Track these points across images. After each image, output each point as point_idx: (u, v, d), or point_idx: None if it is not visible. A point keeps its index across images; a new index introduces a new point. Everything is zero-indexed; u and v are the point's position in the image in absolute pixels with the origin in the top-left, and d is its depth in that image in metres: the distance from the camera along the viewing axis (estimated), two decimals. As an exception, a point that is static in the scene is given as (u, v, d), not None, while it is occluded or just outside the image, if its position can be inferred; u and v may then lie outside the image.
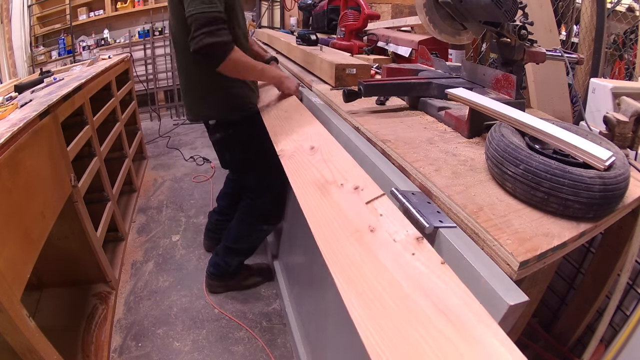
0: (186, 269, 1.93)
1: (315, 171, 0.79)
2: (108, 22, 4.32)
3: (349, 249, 0.55)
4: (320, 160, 0.83)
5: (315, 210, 0.67)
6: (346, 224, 0.61)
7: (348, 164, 0.78)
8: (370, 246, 0.55)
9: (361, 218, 0.61)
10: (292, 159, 0.90)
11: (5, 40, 3.72)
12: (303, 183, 0.77)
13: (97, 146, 1.84)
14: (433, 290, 0.45)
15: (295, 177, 0.81)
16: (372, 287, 0.48)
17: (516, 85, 0.91)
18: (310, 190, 0.73)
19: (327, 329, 1.12)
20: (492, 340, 0.38)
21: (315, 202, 0.69)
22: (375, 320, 0.43)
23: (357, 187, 0.69)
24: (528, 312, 0.88)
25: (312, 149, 0.89)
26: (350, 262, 0.53)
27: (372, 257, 0.53)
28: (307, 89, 1.46)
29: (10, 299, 0.89)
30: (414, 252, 0.52)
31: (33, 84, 1.73)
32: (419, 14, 1.13)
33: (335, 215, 0.63)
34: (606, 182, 0.56)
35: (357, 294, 0.48)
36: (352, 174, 0.74)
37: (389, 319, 0.43)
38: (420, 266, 0.49)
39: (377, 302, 0.46)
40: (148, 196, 2.66)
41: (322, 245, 0.58)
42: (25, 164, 1.10)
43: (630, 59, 1.92)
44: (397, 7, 2.38)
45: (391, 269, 0.50)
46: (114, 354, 1.46)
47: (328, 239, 0.59)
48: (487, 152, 0.69)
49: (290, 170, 0.85)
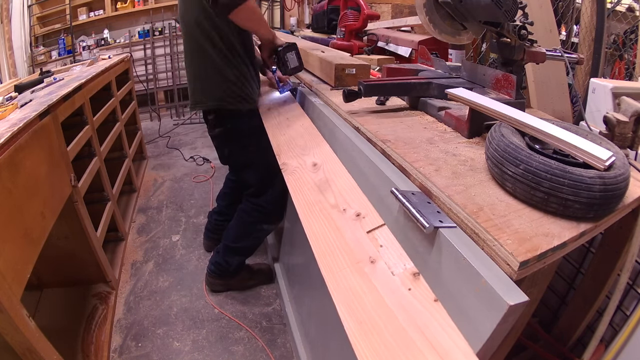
0: (186, 269, 1.93)
1: (317, 194, 0.81)
2: (108, 22, 4.32)
3: (351, 279, 0.59)
4: (323, 179, 0.85)
5: (319, 236, 0.70)
6: (348, 254, 0.63)
7: (350, 186, 0.80)
8: (370, 278, 0.58)
9: (362, 248, 0.63)
10: (294, 174, 0.91)
11: (5, 40, 3.72)
12: (306, 205, 0.79)
13: (97, 146, 1.84)
14: (427, 327, 0.48)
15: (298, 197, 0.83)
16: (371, 318, 0.52)
17: (516, 85, 0.91)
18: (314, 213, 0.76)
19: (327, 329, 1.12)
20: None
21: (319, 227, 0.72)
22: (373, 348, 0.47)
23: (359, 214, 0.71)
24: (528, 312, 0.88)
25: (315, 165, 0.91)
26: (352, 292, 0.57)
27: (372, 288, 0.56)
28: (307, 89, 1.46)
29: (10, 299, 0.89)
30: (411, 287, 0.54)
31: (33, 84, 1.73)
32: (419, 14, 1.13)
33: (338, 244, 0.66)
34: (606, 182, 0.56)
35: (358, 323, 0.51)
36: (354, 199, 0.76)
37: (385, 349, 0.47)
38: (416, 303, 0.52)
39: (375, 333, 0.49)
40: (148, 196, 2.66)
41: (326, 274, 0.62)
42: (25, 164, 1.10)
43: (630, 59, 1.92)
44: (397, 7, 2.38)
45: (389, 303, 0.53)
46: (114, 354, 1.46)
47: (332, 268, 0.63)
48: (487, 152, 0.69)
49: (293, 188, 0.87)
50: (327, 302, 1.11)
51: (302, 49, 1.71)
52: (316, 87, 1.38)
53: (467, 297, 0.52)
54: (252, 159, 1.56)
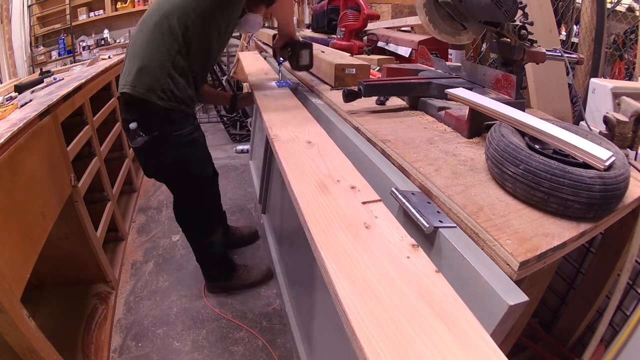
0: (186, 269, 1.93)
1: (311, 162, 0.78)
2: (108, 22, 4.32)
3: (343, 239, 0.54)
4: (316, 154, 0.82)
5: (310, 199, 0.65)
6: (341, 216, 0.59)
7: (345, 164, 0.78)
8: (366, 240, 0.54)
9: (357, 215, 0.60)
10: (286, 145, 0.87)
11: (5, 40, 3.72)
12: (298, 172, 0.74)
13: (97, 146, 1.84)
14: (428, 292, 0.45)
15: (289, 163, 0.78)
16: (365, 277, 0.47)
17: (516, 85, 0.91)
18: (306, 180, 0.71)
19: (327, 329, 1.12)
20: (485, 349, 0.38)
21: (311, 192, 0.67)
22: (369, 309, 0.43)
23: (353, 187, 0.69)
24: (528, 312, 0.88)
25: (309, 143, 0.88)
26: (344, 250, 0.52)
27: (367, 250, 0.52)
28: (307, 89, 1.46)
29: (10, 299, 0.89)
30: (409, 255, 0.51)
31: (33, 84, 1.73)
32: (419, 14, 1.13)
33: (330, 206, 0.62)
34: (606, 182, 0.56)
35: (350, 282, 0.46)
36: (349, 174, 0.73)
37: (383, 310, 0.42)
38: (414, 269, 0.49)
39: (370, 293, 0.45)
40: (148, 196, 2.66)
41: (315, 231, 0.56)
42: (25, 164, 1.10)
43: (630, 59, 1.92)
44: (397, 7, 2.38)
45: (385, 264, 0.49)
46: (114, 354, 1.46)
47: (322, 226, 0.57)
48: (487, 152, 0.69)
49: (284, 156, 0.82)
50: (328, 301, 1.11)
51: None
52: (316, 87, 1.38)
53: (466, 297, 0.52)
54: (173, 179, 1.45)
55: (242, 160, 3.20)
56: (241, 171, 3.00)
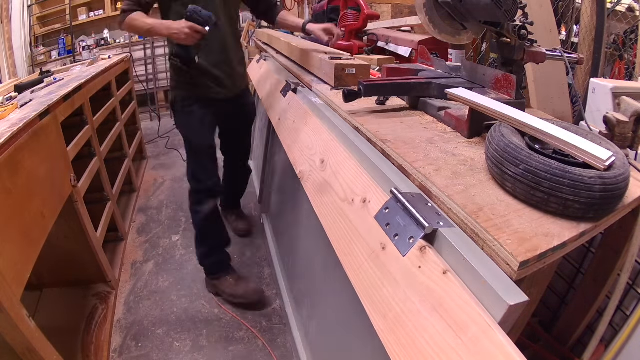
0: (186, 269, 1.93)
1: (330, 190, 0.89)
2: (108, 22, 4.32)
3: (370, 273, 0.66)
4: (331, 174, 0.92)
5: (340, 239, 0.79)
6: (363, 245, 0.70)
7: (353, 172, 0.85)
8: (385, 264, 0.64)
9: (372, 236, 0.69)
10: (310, 180, 1.01)
11: (5, 40, 3.72)
12: (324, 208, 0.89)
13: (97, 146, 1.84)
14: (440, 305, 0.52)
15: (317, 201, 0.93)
16: (391, 307, 0.59)
17: (516, 85, 0.91)
18: (331, 214, 0.85)
19: (327, 329, 1.12)
20: (494, 350, 0.42)
21: (337, 229, 0.81)
22: (395, 337, 0.56)
23: (364, 200, 0.75)
24: (528, 312, 0.88)
25: (322, 162, 0.98)
26: (372, 285, 0.65)
27: (389, 276, 0.62)
28: (307, 89, 1.46)
29: (10, 299, 0.89)
30: (420, 265, 0.57)
31: (33, 84, 1.73)
32: (419, 14, 1.13)
33: (353, 237, 0.74)
34: (606, 182, 0.55)
35: (382, 317, 0.60)
36: (358, 184, 0.81)
37: (406, 335, 0.54)
38: (427, 281, 0.55)
39: (397, 323, 0.56)
40: (148, 196, 2.66)
41: (351, 275, 0.71)
42: (25, 164, 1.10)
43: (630, 59, 1.92)
44: (397, 7, 2.38)
45: (403, 287, 0.58)
46: (114, 354, 1.46)
47: (353, 266, 0.71)
48: (487, 152, 0.69)
49: (311, 194, 0.98)
50: (328, 301, 1.11)
51: (302, 49, 1.71)
52: (316, 87, 1.38)
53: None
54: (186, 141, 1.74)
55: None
56: (241, 171, 3.00)
